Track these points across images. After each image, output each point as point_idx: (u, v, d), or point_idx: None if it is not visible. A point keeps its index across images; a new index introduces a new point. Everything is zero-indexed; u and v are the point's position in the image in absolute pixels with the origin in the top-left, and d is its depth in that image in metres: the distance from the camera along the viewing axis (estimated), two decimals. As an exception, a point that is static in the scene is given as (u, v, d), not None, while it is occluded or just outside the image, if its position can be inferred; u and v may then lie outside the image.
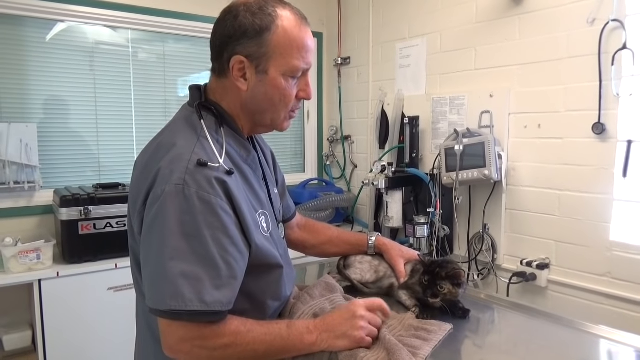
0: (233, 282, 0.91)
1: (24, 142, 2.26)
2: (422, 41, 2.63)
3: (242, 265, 0.93)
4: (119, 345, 2.12)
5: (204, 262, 0.87)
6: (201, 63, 2.89)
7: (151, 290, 0.89)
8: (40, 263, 2.03)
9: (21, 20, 2.33)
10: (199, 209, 0.87)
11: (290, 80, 1.00)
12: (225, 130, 1.02)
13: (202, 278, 0.87)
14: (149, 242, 0.90)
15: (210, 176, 0.90)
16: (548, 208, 2.07)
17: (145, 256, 0.91)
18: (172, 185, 0.88)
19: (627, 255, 1.83)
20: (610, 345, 1.08)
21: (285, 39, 0.96)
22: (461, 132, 2.22)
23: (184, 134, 0.97)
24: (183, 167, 0.89)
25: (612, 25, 1.82)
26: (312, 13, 3.23)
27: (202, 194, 0.88)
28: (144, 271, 0.92)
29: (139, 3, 2.59)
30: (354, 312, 0.98)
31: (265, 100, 1.01)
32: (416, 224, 2.36)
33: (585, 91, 1.92)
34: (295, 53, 0.98)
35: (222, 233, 0.89)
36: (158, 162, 0.92)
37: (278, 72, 0.98)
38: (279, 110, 1.03)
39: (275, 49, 0.96)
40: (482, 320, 1.21)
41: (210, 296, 0.86)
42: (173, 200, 0.87)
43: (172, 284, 0.85)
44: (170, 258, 0.86)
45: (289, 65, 0.98)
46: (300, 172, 3.38)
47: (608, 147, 1.87)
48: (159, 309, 0.86)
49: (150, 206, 0.90)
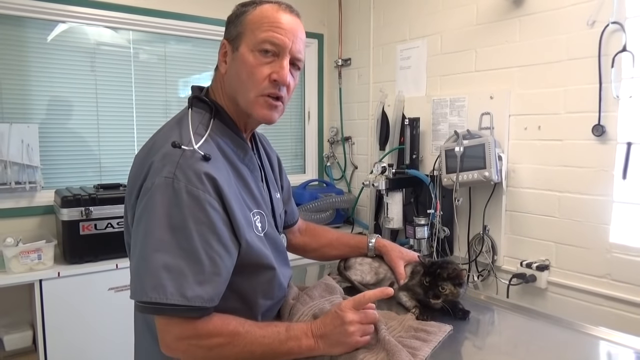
0: (216, 279, 0.90)
1: (25, 143, 2.27)
2: (422, 43, 2.63)
3: (227, 262, 0.93)
4: (120, 345, 2.13)
5: (187, 257, 0.87)
6: (202, 64, 2.90)
7: (134, 281, 0.89)
8: (41, 263, 2.04)
9: (22, 21, 2.33)
10: (186, 203, 0.88)
11: (259, 56, 0.98)
12: (219, 126, 1.03)
13: (184, 272, 0.86)
14: (137, 233, 0.91)
15: (200, 171, 0.90)
16: (548, 209, 2.08)
17: (133, 248, 0.92)
18: (162, 178, 0.89)
19: (627, 257, 1.84)
20: (609, 346, 1.08)
21: (258, 16, 1.00)
22: (461, 134, 2.23)
23: (178, 130, 0.98)
24: (174, 161, 0.90)
25: (612, 27, 1.82)
26: (313, 14, 3.25)
27: (190, 189, 0.88)
28: (130, 263, 0.93)
29: (140, 4, 2.60)
30: (342, 318, 0.95)
31: (236, 78, 1.01)
32: (416, 225, 2.37)
33: (585, 93, 1.92)
34: (265, 27, 0.98)
35: (208, 229, 0.89)
36: (151, 157, 0.94)
37: (247, 48, 0.99)
38: (248, 89, 1.00)
39: (247, 26, 1.00)
40: (481, 322, 1.21)
41: (191, 291, 0.86)
42: (162, 193, 0.88)
43: (154, 276, 0.85)
44: (155, 250, 0.86)
45: (256, 39, 0.98)
46: (300, 173, 3.38)
47: (608, 149, 1.87)
48: (140, 300, 0.86)
49: (141, 198, 0.91)
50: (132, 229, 0.94)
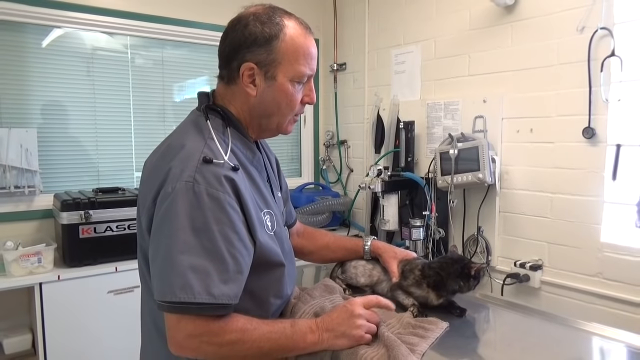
0: (239, 277, 0.94)
1: (24, 147, 2.28)
2: (416, 48, 2.68)
3: (247, 260, 0.97)
4: (120, 348, 2.14)
5: (212, 257, 0.91)
6: (199, 69, 2.93)
7: (160, 283, 0.91)
8: (41, 266, 2.05)
9: (20, 27, 2.35)
10: (208, 205, 0.91)
11: (297, 85, 1.05)
12: (231, 131, 1.06)
13: (210, 272, 0.90)
14: (159, 237, 0.93)
15: (220, 174, 0.94)
16: (540, 210, 2.12)
17: (155, 251, 0.94)
18: (182, 182, 0.92)
19: (617, 256, 1.88)
20: (602, 341, 1.12)
21: (292, 46, 1.02)
22: (455, 137, 2.27)
23: (192, 135, 1.01)
24: (193, 165, 0.93)
25: (600, 33, 1.87)
26: (309, 20, 3.21)
27: (211, 191, 0.92)
28: (152, 266, 0.95)
29: (137, 10, 2.62)
30: (352, 311, 1.01)
31: (273, 104, 1.05)
32: (412, 227, 2.40)
33: (575, 97, 1.97)
34: (302, 60, 1.03)
35: (230, 229, 0.93)
36: (168, 162, 0.96)
37: (285, 78, 1.03)
38: (285, 114, 1.08)
39: (283, 56, 1.02)
40: (477, 319, 1.24)
41: (217, 289, 0.90)
42: (183, 197, 0.91)
43: (181, 276, 0.88)
44: (180, 252, 0.89)
45: (295, 71, 1.03)
46: (297, 177, 3.41)
47: (598, 151, 1.92)
48: (168, 300, 0.89)
49: (161, 203, 0.93)
50: (152, 232, 0.96)
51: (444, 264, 1.20)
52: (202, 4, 2.80)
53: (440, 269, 1.19)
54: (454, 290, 1.18)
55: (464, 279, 1.17)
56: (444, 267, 1.19)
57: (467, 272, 1.17)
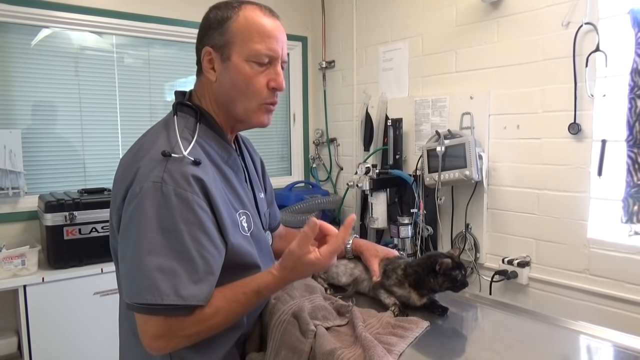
0: (210, 277, 0.93)
1: (8, 148, 2.26)
2: (404, 45, 2.67)
3: (218, 261, 0.95)
4: (105, 350, 2.12)
5: (180, 257, 0.89)
6: (186, 67, 2.91)
7: (128, 284, 0.90)
8: (25, 269, 2.03)
9: (5, 27, 2.32)
10: (176, 206, 0.90)
11: (255, 66, 1.01)
12: (205, 130, 1.04)
13: (178, 272, 0.89)
14: (126, 237, 0.92)
15: (187, 174, 0.92)
16: (528, 207, 2.12)
17: (123, 252, 0.93)
18: (150, 182, 0.90)
19: (604, 252, 1.88)
20: (588, 340, 1.11)
21: (244, 24, 1.00)
22: (442, 134, 2.26)
23: (163, 134, 1.00)
24: (162, 165, 0.92)
25: (585, 28, 1.87)
26: (297, 18, 3.27)
27: (179, 191, 0.90)
28: (121, 266, 0.94)
29: (123, 9, 2.59)
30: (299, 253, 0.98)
31: (232, 87, 1.03)
32: (400, 225, 2.39)
33: (561, 92, 1.97)
34: (256, 37, 1.00)
35: (199, 229, 0.91)
36: (138, 161, 0.95)
37: (240, 58, 1.00)
38: (248, 98, 1.03)
39: (235, 34, 1.00)
40: (460, 318, 1.23)
41: (186, 290, 0.88)
42: (151, 197, 0.89)
43: (148, 277, 0.87)
44: (147, 253, 0.88)
45: (250, 50, 1.00)
46: (286, 175, 3.40)
47: (584, 147, 1.92)
48: (135, 302, 0.88)
49: (129, 203, 0.92)
50: (120, 232, 0.95)
51: (422, 261, 1.19)
52: (189, 3, 2.77)
53: (419, 266, 1.18)
54: (432, 289, 1.17)
55: (434, 276, 1.15)
56: (421, 264, 1.18)
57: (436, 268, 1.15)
